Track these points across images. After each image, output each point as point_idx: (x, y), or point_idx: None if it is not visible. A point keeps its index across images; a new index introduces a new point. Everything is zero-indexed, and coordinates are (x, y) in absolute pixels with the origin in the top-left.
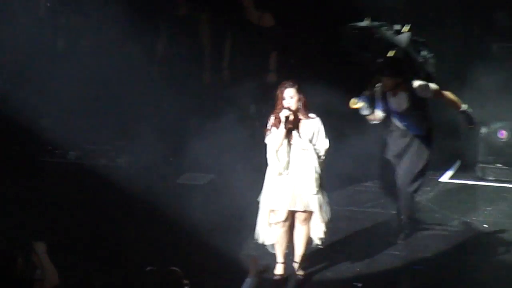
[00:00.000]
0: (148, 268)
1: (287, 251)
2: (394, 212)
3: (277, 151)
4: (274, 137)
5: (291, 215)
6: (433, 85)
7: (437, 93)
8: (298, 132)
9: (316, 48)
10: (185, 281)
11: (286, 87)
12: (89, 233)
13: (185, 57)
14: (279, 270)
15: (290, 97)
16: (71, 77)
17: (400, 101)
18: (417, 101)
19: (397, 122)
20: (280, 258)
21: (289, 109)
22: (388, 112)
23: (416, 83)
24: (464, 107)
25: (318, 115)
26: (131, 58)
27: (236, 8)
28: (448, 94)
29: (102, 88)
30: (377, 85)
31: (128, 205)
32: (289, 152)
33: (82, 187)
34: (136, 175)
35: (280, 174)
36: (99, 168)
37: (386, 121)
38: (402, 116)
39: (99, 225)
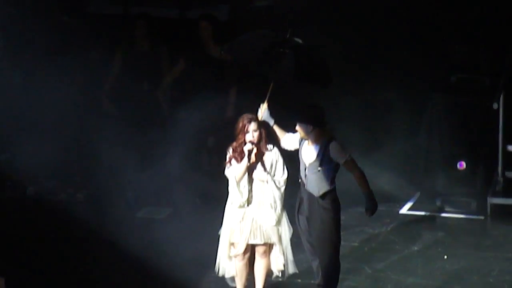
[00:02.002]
0: None
1: (246, 284)
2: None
3: (238, 183)
4: (235, 170)
5: (251, 247)
6: (348, 155)
7: (350, 164)
8: (258, 164)
9: None
10: None
11: (250, 121)
12: (49, 269)
13: (147, 91)
14: None
15: (253, 130)
16: (29, 112)
17: (309, 153)
18: (326, 159)
19: (302, 176)
20: None
21: (252, 142)
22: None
23: (334, 143)
24: (370, 190)
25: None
26: (91, 93)
27: (196, 43)
28: (360, 171)
29: (61, 123)
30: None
31: (88, 241)
32: (250, 184)
33: (41, 222)
34: (95, 210)
35: (242, 206)
36: (58, 203)
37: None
38: (307, 169)
39: (59, 261)
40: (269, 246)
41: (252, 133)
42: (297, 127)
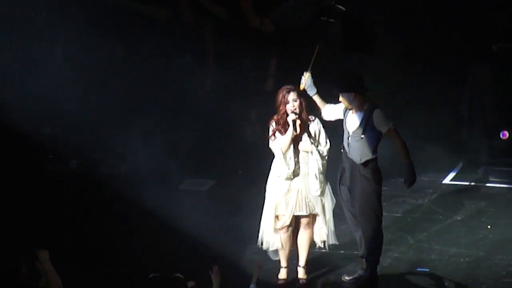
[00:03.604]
0: (151, 275)
1: (290, 256)
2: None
3: (284, 155)
4: (281, 141)
5: (295, 219)
6: (391, 124)
7: (392, 134)
8: (302, 135)
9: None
10: (191, 283)
11: (288, 91)
12: (92, 240)
13: (190, 63)
14: (283, 274)
15: (293, 100)
16: (72, 85)
17: (353, 121)
18: (369, 127)
19: (345, 144)
20: (284, 262)
21: (295, 112)
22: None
23: (378, 111)
24: (410, 161)
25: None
26: (133, 69)
27: (237, 14)
28: (401, 141)
29: (103, 96)
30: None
31: (131, 212)
32: (296, 156)
33: (84, 195)
34: (138, 182)
35: (288, 178)
36: (101, 176)
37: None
38: (350, 137)
39: (102, 232)
40: (312, 217)
41: (292, 103)
42: (340, 97)
